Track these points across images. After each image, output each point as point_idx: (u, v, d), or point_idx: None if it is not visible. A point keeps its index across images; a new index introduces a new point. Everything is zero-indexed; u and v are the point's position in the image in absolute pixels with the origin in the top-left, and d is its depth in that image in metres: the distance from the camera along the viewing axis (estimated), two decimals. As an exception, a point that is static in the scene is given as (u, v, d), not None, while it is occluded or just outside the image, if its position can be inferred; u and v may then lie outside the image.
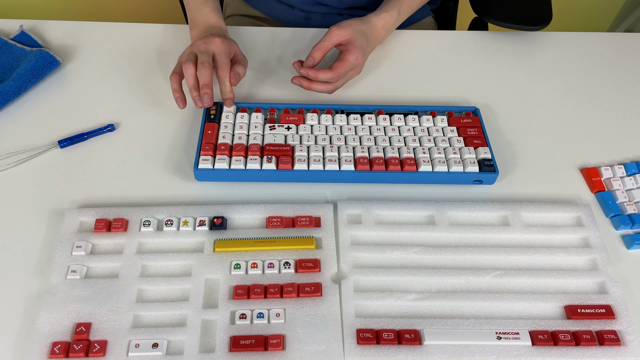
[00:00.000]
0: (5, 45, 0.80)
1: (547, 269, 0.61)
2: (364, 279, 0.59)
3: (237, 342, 0.53)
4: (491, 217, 0.65)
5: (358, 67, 0.74)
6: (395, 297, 0.57)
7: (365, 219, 0.63)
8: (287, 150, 0.67)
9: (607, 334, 0.55)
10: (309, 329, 0.55)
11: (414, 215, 0.65)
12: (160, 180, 0.67)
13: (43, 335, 0.53)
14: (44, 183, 0.66)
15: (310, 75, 0.71)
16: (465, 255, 0.61)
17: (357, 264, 0.60)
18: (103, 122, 0.73)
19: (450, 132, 0.71)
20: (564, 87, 0.82)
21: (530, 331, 0.55)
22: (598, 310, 0.57)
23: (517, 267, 0.61)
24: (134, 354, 0.52)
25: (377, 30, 0.77)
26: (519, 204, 0.65)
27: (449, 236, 0.63)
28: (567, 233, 0.63)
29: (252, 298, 0.56)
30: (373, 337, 0.54)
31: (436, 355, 0.53)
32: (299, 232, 0.62)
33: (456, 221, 0.64)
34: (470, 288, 0.59)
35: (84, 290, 0.56)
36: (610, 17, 1.69)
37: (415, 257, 0.61)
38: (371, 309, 0.57)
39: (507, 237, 0.63)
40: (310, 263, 0.59)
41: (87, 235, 0.60)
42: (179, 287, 0.58)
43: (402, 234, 0.63)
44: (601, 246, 0.62)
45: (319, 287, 0.57)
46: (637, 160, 0.72)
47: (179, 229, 0.61)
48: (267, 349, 0.53)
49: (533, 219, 0.65)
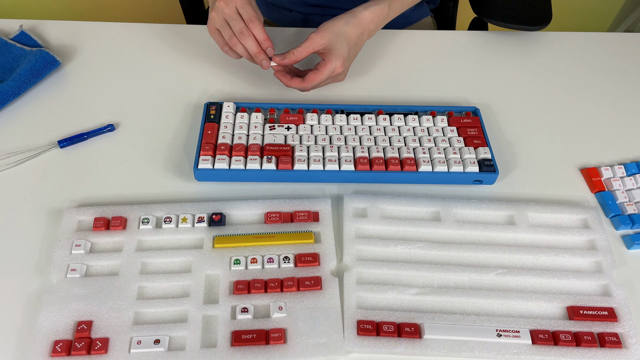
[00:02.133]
0: (5, 45, 0.80)
1: (551, 269, 0.61)
2: (366, 272, 0.59)
3: (239, 337, 0.53)
4: (497, 216, 0.65)
5: (339, 75, 0.73)
6: (397, 291, 0.58)
7: (371, 212, 0.63)
8: (287, 150, 0.67)
9: (608, 336, 0.55)
10: (310, 322, 0.55)
11: (420, 211, 0.65)
12: (160, 180, 0.67)
13: (44, 333, 0.53)
14: (43, 183, 0.66)
15: (282, 81, 0.71)
16: (469, 252, 0.61)
17: (361, 257, 0.60)
18: (103, 122, 0.73)
19: (450, 132, 0.71)
20: (564, 87, 0.82)
21: (530, 330, 0.55)
22: (600, 312, 0.57)
23: (521, 267, 0.61)
24: (135, 351, 0.52)
25: (366, 24, 0.74)
26: (525, 204, 0.65)
27: (454, 233, 0.63)
28: (572, 235, 0.63)
29: (253, 293, 0.57)
30: (373, 328, 0.54)
31: (435, 349, 0.54)
32: (298, 227, 0.62)
33: (462, 218, 0.64)
34: (473, 285, 0.59)
35: (84, 289, 0.56)
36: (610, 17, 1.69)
37: (419, 252, 0.61)
38: (373, 301, 0.57)
39: (512, 237, 0.63)
40: (310, 257, 0.59)
41: (86, 233, 0.61)
42: (179, 283, 0.58)
43: (407, 229, 0.63)
44: (607, 249, 0.62)
45: (319, 280, 0.57)
46: (637, 160, 0.72)
47: (178, 226, 0.61)
48: (268, 342, 0.53)
49: (539, 220, 0.65)
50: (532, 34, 0.90)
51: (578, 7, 1.65)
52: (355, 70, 0.81)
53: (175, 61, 0.82)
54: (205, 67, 0.81)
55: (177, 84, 0.79)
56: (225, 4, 0.68)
